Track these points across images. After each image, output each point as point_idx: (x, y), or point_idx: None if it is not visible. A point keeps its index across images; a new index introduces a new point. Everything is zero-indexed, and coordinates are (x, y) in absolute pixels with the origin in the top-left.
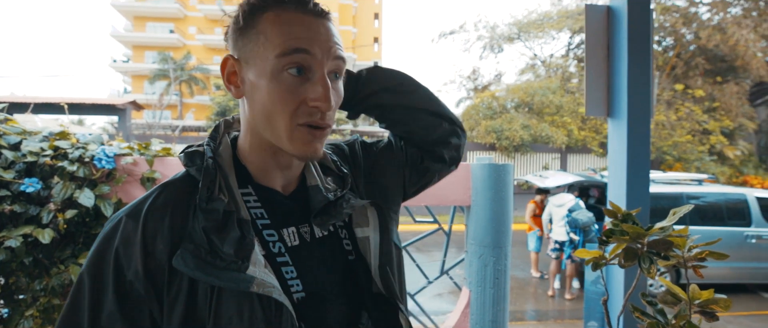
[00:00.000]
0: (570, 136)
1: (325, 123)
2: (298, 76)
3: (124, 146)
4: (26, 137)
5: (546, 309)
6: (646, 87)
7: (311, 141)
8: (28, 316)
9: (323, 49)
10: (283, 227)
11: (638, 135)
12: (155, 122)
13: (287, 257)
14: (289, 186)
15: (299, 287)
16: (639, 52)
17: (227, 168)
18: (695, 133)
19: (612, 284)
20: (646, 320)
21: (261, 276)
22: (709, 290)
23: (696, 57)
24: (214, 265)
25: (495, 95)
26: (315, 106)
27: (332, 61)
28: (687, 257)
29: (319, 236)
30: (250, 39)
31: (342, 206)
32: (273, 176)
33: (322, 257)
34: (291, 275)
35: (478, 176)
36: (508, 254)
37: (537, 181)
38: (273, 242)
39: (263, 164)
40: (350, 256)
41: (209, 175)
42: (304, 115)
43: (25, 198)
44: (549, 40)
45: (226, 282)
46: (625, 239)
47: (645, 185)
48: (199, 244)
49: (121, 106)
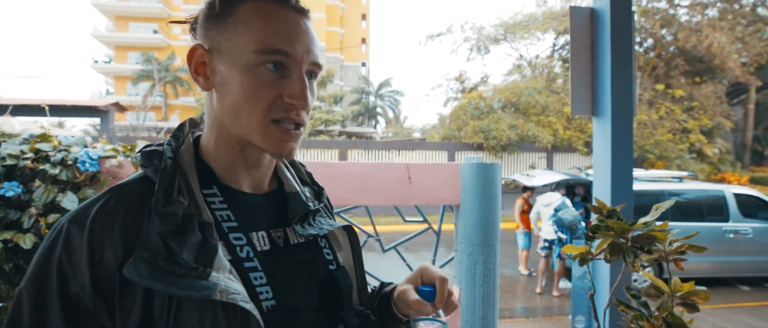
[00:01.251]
0: (556, 136)
1: (299, 120)
2: (275, 71)
3: (108, 148)
4: (5, 140)
5: (535, 306)
6: (628, 86)
7: (287, 141)
8: None
9: (303, 49)
10: (253, 230)
11: (621, 133)
12: (139, 124)
13: (256, 262)
14: (259, 187)
15: (269, 294)
16: (622, 53)
17: (188, 168)
18: (675, 132)
19: (598, 278)
20: (630, 312)
21: (225, 283)
22: (689, 283)
23: (675, 58)
24: (172, 272)
25: (482, 96)
26: (291, 103)
27: (310, 65)
28: (668, 250)
29: (294, 243)
30: (225, 28)
31: (320, 221)
32: (240, 175)
33: (297, 264)
34: (260, 282)
35: (467, 175)
36: (497, 252)
37: (524, 180)
38: (240, 246)
39: (229, 163)
40: (331, 265)
41: (166, 176)
42: (279, 111)
43: (5, 202)
44: (534, 41)
45: (185, 290)
46: (610, 234)
47: (628, 181)
48: (155, 251)
49: (104, 108)
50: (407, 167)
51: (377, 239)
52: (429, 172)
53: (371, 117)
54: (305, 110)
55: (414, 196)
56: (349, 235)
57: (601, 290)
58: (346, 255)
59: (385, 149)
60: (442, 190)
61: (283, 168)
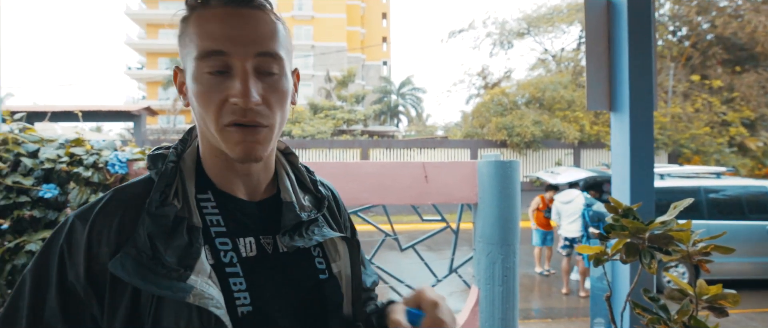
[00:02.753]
0: (582, 132)
1: (251, 120)
2: (217, 75)
3: (135, 151)
4: (44, 145)
5: (559, 307)
6: (648, 79)
7: (242, 141)
8: None
9: (241, 43)
10: (240, 236)
11: (641, 128)
12: (169, 127)
13: (238, 268)
14: (255, 194)
15: (246, 300)
16: (640, 44)
17: (188, 172)
18: (714, 125)
19: (618, 280)
20: (647, 315)
21: (201, 287)
22: (716, 286)
23: (713, 46)
24: (154, 271)
25: (505, 92)
26: (234, 103)
27: (255, 57)
28: (692, 251)
29: (283, 251)
30: (183, 45)
31: (313, 232)
32: (233, 182)
33: (283, 272)
34: (239, 287)
35: (485, 173)
36: (517, 251)
37: (548, 177)
38: (225, 252)
39: (220, 171)
40: (322, 275)
41: (165, 179)
42: (228, 114)
43: (44, 203)
44: (559, 34)
45: (163, 290)
46: (625, 234)
47: (649, 179)
48: (142, 249)
49: (136, 113)
50: (423, 166)
51: (395, 238)
52: (446, 170)
53: (393, 116)
54: (255, 107)
55: (431, 194)
56: (349, 245)
57: (620, 291)
58: (342, 265)
59: (406, 148)
60: (460, 188)
61: (283, 175)
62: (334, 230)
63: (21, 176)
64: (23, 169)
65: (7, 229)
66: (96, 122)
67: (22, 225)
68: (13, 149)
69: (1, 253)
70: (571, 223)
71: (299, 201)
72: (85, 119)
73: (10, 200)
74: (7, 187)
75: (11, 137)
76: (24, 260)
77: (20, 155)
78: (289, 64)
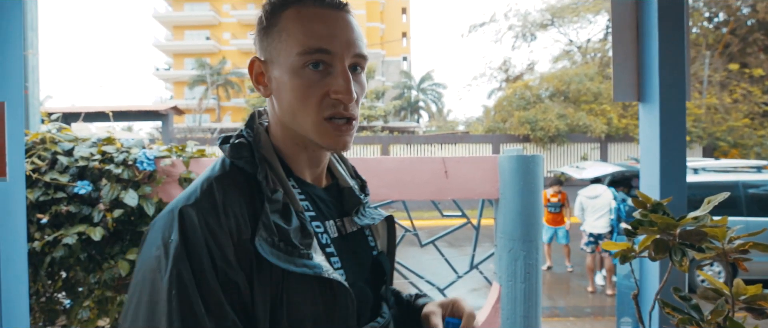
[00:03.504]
0: (610, 125)
1: (349, 114)
2: (317, 70)
3: (162, 149)
4: (78, 144)
5: (585, 305)
6: (679, 67)
7: (340, 136)
8: (85, 306)
9: (343, 44)
10: (325, 219)
11: (672, 120)
12: (195, 126)
13: (333, 248)
14: (319, 181)
15: (344, 276)
16: (671, 30)
17: (272, 161)
18: (754, 116)
19: (646, 278)
20: (677, 315)
21: (324, 264)
22: (756, 286)
23: (754, 32)
24: (287, 252)
25: (528, 85)
26: (337, 98)
27: (352, 57)
28: (728, 249)
29: (349, 231)
30: (273, 38)
31: (368, 212)
32: (304, 170)
33: (353, 250)
34: (337, 265)
35: (506, 168)
36: (540, 247)
37: (573, 172)
38: (321, 233)
39: (297, 158)
40: (374, 251)
41: (265, 167)
42: (329, 108)
43: (79, 199)
44: (585, 25)
45: (300, 268)
46: (653, 230)
47: (680, 173)
48: (272, 232)
49: (164, 112)
50: (443, 161)
51: (415, 234)
52: (466, 165)
53: (414, 111)
54: (353, 103)
55: (451, 190)
56: (388, 225)
57: (648, 290)
58: (382, 243)
59: (427, 144)
60: (480, 183)
61: (335, 164)
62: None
63: (58, 173)
64: (60, 166)
65: (46, 223)
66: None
67: (60, 220)
68: (51, 148)
69: (42, 246)
70: (598, 219)
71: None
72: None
73: (48, 196)
74: (46, 183)
75: (49, 137)
76: (62, 252)
77: (57, 154)
78: None
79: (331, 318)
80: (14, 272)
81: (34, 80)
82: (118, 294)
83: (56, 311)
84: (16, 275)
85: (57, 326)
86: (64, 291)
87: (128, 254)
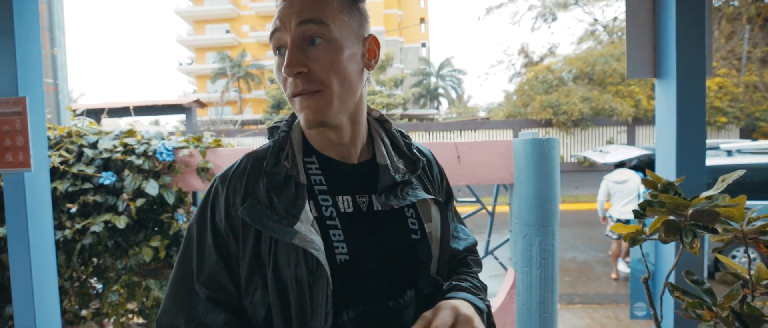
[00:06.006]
0: (638, 107)
1: (302, 89)
2: (280, 55)
3: (181, 140)
4: (102, 137)
5: (607, 292)
6: (699, 41)
7: (302, 107)
8: (114, 290)
9: (286, 22)
10: (339, 194)
11: (690, 97)
12: (218, 118)
13: (336, 221)
14: (351, 157)
15: (344, 250)
16: (691, 0)
17: (296, 140)
18: None
19: (662, 262)
20: (687, 299)
21: (304, 232)
22: None
23: None
24: (269, 217)
25: (550, 68)
26: (285, 76)
27: (297, 28)
28: (746, 230)
29: (377, 209)
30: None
31: (407, 193)
32: (329, 147)
33: (377, 229)
34: (337, 238)
35: (521, 152)
36: (556, 233)
37: (597, 157)
38: (326, 206)
39: (318, 137)
40: (415, 235)
41: (278, 145)
42: (290, 87)
43: (104, 190)
44: (612, 2)
45: (273, 232)
46: (663, 211)
47: (699, 153)
48: (261, 200)
49: (187, 106)
50: (455, 147)
51: None
52: (479, 150)
53: (433, 98)
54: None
55: (464, 175)
56: (440, 208)
57: (662, 274)
58: (433, 227)
59: (446, 130)
60: (495, 169)
61: (377, 140)
62: (429, 192)
63: (84, 165)
64: (86, 159)
65: (75, 212)
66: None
67: (87, 209)
68: (77, 141)
69: (72, 234)
70: (626, 204)
71: (394, 164)
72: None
73: (76, 187)
74: (74, 175)
75: (75, 130)
76: (90, 240)
77: (83, 147)
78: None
79: (314, 283)
80: (43, 256)
81: (62, 77)
82: (143, 279)
83: (89, 295)
84: (44, 259)
85: (90, 308)
86: (96, 276)
87: (152, 241)
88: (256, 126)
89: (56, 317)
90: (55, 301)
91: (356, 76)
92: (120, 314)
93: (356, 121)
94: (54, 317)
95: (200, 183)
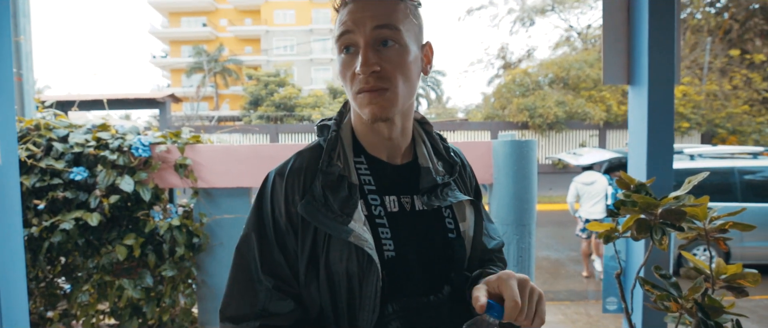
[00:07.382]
0: (609, 112)
1: (372, 86)
2: (348, 54)
3: (158, 135)
4: (73, 130)
5: (579, 290)
6: (669, 50)
7: (368, 103)
8: (84, 290)
9: (361, 23)
10: (386, 194)
11: (660, 103)
12: (193, 114)
13: (384, 220)
14: (396, 158)
15: (391, 247)
16: (662, 13)
17: (346, 140)
18: (753, 103)
19: (633, 259)
20: (655, 293)
21: (358, 230)
22: (736, 265)
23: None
24: (325, 215)
25: (527, 72)
26: (358, 73)
27: (372, 32)
28: (709, 228)
29: (419, 209)
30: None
31: (446, 194)
32: (379, 147)
33: (418, 228)
34: (385, 236)
35: (500, 152)
36: (533, 231)
37: (571, 159)
38: (375, 206)
39: (369, 136)
40: (451, 234)
41: (331, 145)
42: (357, 84)
43: (75, 185)
44: (586, 10)
45: (330, 229)
46: (635, 210)
47: (667, 156)
48: (317, 198)
49: (161, 100)
50: None
51: None
52: None
53: None
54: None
55: None
56: (475, 208)
57: (633, 270)
58: (467, 226)
59: None
60: (474, 169)
61: (420, 142)
62: (464, 193)
63: (53, 160)
64: (55, 153)
65: (43, 209)
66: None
67: (57, 205)
68: (46, 135)
69: (40, 231)
70: (594, 205)
71: (434, 166)
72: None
73: (44, 182)
74: (42, 170)
75: (43, 123)
76: (59, 237)
77: (52, 140)
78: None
79: (363, 277)
80: (11, 254)
81: (27, 67)
82: (116, 279)
83: (56, 296)
84: (12, 257)
85: (58, 310)
86: (64, 276)
87: (126, 239)
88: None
89: (25, 319)
90: (23, 302)
91: (416, 78)
92: (90, 314)
93: (407, 118)
94: (22, 318)
95: (178, 180)
